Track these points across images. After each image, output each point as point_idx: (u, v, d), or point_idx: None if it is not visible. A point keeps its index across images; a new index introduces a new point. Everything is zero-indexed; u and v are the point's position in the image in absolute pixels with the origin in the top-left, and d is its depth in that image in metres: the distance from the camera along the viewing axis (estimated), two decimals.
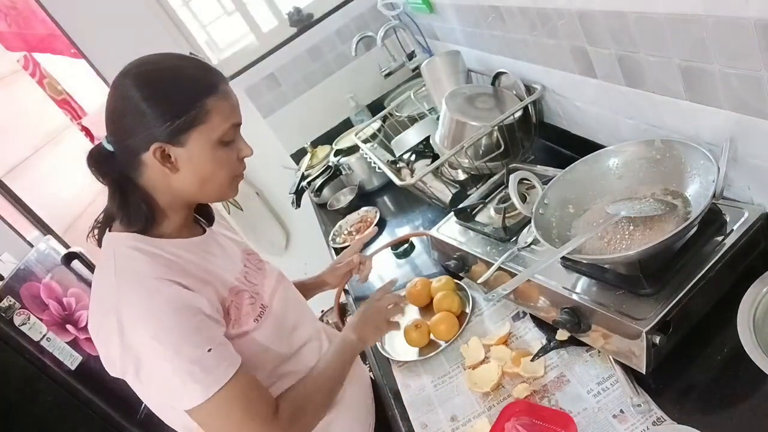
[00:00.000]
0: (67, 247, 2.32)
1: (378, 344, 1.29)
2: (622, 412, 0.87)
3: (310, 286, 1.40)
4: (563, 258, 0.98)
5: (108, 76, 2.38)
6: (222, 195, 0.98)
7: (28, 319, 1.83)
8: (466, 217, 1.36)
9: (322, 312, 2.89)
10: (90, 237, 0.98)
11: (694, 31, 0.82)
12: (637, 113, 1.13)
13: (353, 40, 2.15)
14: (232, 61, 2.47)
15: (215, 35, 2.71)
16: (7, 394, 1.75)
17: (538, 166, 1.36)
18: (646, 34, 0.93)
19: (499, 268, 1.15)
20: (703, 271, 0.88)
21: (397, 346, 1.28)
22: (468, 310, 1.25)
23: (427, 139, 1.68)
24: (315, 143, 2.46)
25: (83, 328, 2.06)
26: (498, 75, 1.58)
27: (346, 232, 1.92)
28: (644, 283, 0.90)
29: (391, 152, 1.79)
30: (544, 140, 1.59)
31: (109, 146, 0.92)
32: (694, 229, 0.92)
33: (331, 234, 1.94)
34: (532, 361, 1.04)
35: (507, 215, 1.23)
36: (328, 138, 2.48)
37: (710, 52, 0.82)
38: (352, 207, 2.02)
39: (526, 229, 1.19)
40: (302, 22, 2.43)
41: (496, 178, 1.44)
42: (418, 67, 1.88)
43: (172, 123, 0.87)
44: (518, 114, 1.46)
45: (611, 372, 0.94)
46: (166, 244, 0.93)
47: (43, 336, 1.85)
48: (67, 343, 1.93)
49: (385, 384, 1.22)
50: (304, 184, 2.17)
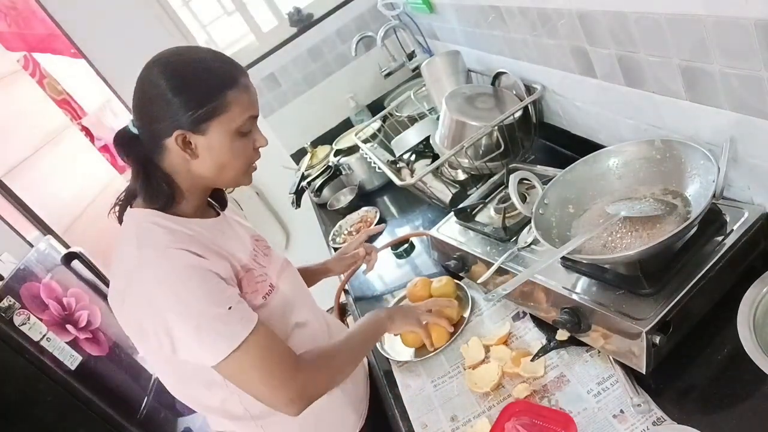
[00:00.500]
0: (67, 247, 2.32)
1: (378, 344, 1.29)
2: (622, 412, 0.87)
3: (314, 271, 1.46)
4: (563, 258, 0.98)
5: (108, 76, 2.38)
6: (237, 182, 1.05)
7: (28, 319, 1.83)
8: (466, 217, 1.36)
9: None
10: (111, 213, 1.04)
11: (694, 31, 0.82)
12: (637, 113, 1.13)
13: (353, 40, 2.15)
14: None
15: (215, 35, 2.71)
16: (7, 394, 1.75)
17: (538, 166, 1.36)
18: (646, 34, 0.93)
19: (499, 268, 1.15)
20: (703, 271, 0.88)
21: (397, 346, 1.28)
22: (466, 315, 1.24)
23: (427, 139, 1.68)
24: (315, 143, 2.46)
25: (83, 328, 2.06)
26: (498, 75, 1.58)
27: (346, 232, 1.92)
28: (644, 283, 0.90)
29: (391, 152, 1.79)
30: (544, 140, 1.59)
31: (134, 129, 0.99)
32: (694, 229, 0.92)
33: (331, 234, 1.94)
34: (532, 361, 1.04)
35: (507, 215, 1.23)
36: (328, 138, 2.48)
37: (710, 52, 0.82)
38: (352, 207, 2.02)
39: (526, 229, 1.19)
40: (302, 22, 2.43)
41: (496, 178, 1.44)
42: (418, 67, 1.88)
43: (195, 112, 0.93)
44: (518, 114, 1.46)
45: (611, 372, 0.94)
46: (184, 222, 1.00)
47: (43, 336, 1.85)
48: (67, 343, 1.93)
49: (385, 384, 1.22)
50: (304, 184, 2.17)
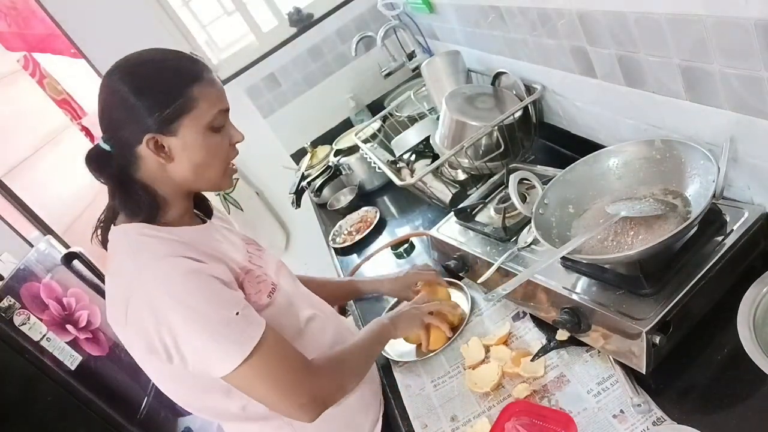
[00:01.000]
0: (67, 247, 2.32)
1: None
2: (622, 412, 0.87)
3: (355, 289, 1.43)
4: (563, 258, 0.98)
5: None
6: (218, 183, 1.01)
7: (28, 319, 1.83)
8: (466, 217, 1.36)
9: None
10: (94, 238, 1.00)
11: (694, 31, 0.82)
12: (637, 113, 1.13)
13: (353, 40, 2.14)
14: (232, 61, 2.47)
15: (215, 35, 2.71)
16: (7, 394, 1.75)
17: (538, 166, 1.36)
18: (646, 34, 0.93)
19: (499, 268, 1.15)
20: (703, 271, 0.88)
21: (397, 345, 1.28)
22: (465, 317, 1.24)
23: (427, 139, 1.68)
24: (315, 143, 2.46)
25: (83, 328, 2.06)
26: (498, 75, 1.58)
27: (346, 232, 1.92)
28: (644, 283, 0.90)
29: (391, 152, 1.79)
30: (544, 140, 1.59)
31: (106, 146, 0.94)
32: (694, 229, 0.92)
33: (331, 234, 1.94)
34: (532, 361, 1.04)
35: (507, 215, 1.23)
36: (328, 138, 2.48)
37: (710, 52, 0.82)
38: (352, 207, 2.02)
39: (526, 229, 1.19)
40: (302, 22, 2.43)
41: (496, 178, 1.44)
42: (418, 67, 1.88)
43: (162, 113, 0.90)
44: (518, 114, 1.46)
45: (611, 372, 0.94)
46: (173, 230, 0.97)
47: (43, 336, 1.85)
48: (67, 343, 1.93)
49: (385, 384, 1.22)
50: (304, 184, 2.17)
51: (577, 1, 1.05)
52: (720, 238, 0.92)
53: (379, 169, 1.70)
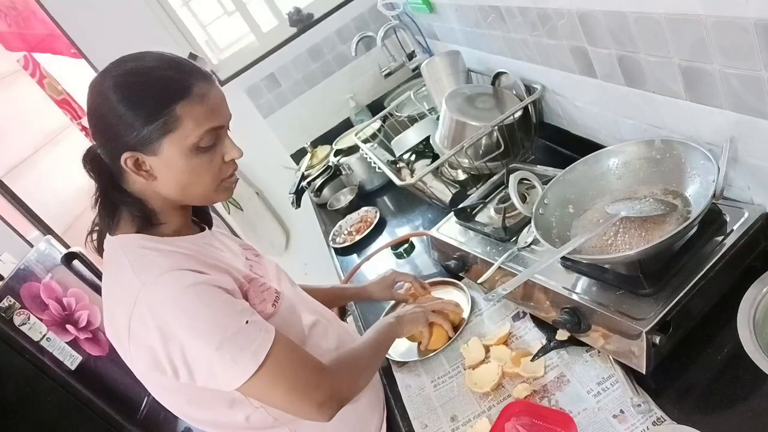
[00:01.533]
0: (67, 247, 2.32)
1: None
2: (622, 412, 0.87)
3: (351, 294, 1.44)
4: (563, 258, 0.98)
5: None
6: (208, 198, 0.96)
7: (28, 319, 1.83)
8: (466, 217, 1.36)
9: None
10: (88, 242, 0.97)
11: (694, 31, 0.82)
12: (637, 113, 1.13)
13: (353, 40, 2.14)
14: (232, 61, 2.47)
15: (215, 35, 2.71)
16: (7, 394, 1.75)
17: (538, 166, 1.36)
18: (646, 34, 0.93)
19: (499, 268, 1.15)
20: (703, 271, 0.88)
21: (397, 346, 1.28)
22: (465, 316, 1.24)
23: (427, 139, 1.68)
24: (315, 143, 2.47)
25: (83, 328, 2.06)
26: (498, 75, 1.58)
27: (346, 232, 1.92)
28: (644, 283, 0.90)
29: (391, 152, 1.79)
30: (544, 140, 1.59)
31: (98, 150, 0.92)
32: (694, 229, 0.92)
33: (331, 234, 1.94)
34: (532, 361, 1.04)
35: (507, 215, 1.23)
36: (328, 138, 2.48)
37: (710, 52, 0.82)
38: (352, 207, 2.02)
39: (526, 229, 1.19)
40: (302, 22, 2.43)
41: (496, 178, 1.44)
42: (418, 67, 1.88)
43: (140, 132, 0.84)
44: (518, 114, 1.46)
45: (611, 372, 0.94)
46: (172, 241, 0.94)
47: (43, 336, 1.85)
48: (67, 343, 1.94)
49: (385, 384, 1.22)
50: (304, 184, 2.17)
51: (577, 1, 1.05)
52: (720, 238, 0.92)
53: (379, 169, 1.70)
